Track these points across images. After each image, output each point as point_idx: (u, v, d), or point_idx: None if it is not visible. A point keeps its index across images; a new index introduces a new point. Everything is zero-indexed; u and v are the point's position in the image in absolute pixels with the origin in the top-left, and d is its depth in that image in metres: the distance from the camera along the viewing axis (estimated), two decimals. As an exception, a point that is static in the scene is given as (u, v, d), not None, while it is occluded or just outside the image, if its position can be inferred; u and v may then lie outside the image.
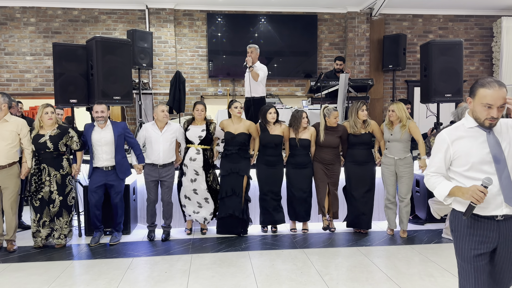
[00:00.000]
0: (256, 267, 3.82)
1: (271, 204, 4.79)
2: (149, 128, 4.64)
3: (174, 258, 4.09)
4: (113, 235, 4.59)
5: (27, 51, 7.73)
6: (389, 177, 4.66)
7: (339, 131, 4.72)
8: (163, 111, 4.60)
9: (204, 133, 4.61)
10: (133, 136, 4.62)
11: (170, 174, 4.64)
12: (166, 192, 4.64)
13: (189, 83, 7.98)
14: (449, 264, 3.83)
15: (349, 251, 4.25)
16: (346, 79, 5.94)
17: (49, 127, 4.34)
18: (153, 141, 4.58)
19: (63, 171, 4.38)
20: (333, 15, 8.35)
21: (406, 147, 4.58)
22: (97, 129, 4.44)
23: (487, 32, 8.64)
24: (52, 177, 4.32)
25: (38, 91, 7.77)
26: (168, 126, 4.64)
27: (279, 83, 8.35)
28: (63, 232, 4.41)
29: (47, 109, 4.32)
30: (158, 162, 4.57)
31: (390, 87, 8.33)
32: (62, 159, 4.40)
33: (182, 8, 8.01)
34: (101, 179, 4.45)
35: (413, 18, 8.52)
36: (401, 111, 4.55)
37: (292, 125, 4.79)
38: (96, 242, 4.50)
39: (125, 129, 4.55)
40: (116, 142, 4.45)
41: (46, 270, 3.80)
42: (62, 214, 4.39)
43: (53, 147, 4.28)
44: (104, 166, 4.44)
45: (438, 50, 5.29)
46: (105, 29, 7.89)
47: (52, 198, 4.33)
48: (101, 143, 4.41)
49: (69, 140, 4.41)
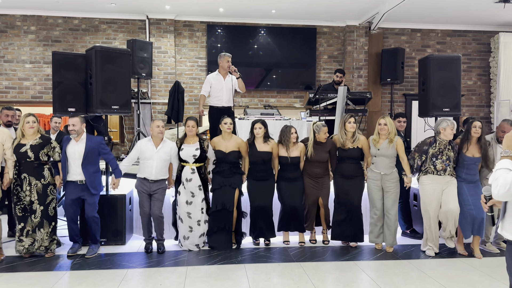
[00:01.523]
0: (252, 280, 3.77)
1: (262, 218, 4.76)
2: (144, 143, 4.62)
3: (169, 270, 4.04)
4: (90, 248, 4.50)
5: (26, 59, 7.74)
6: (376, 192, 4.64)
7: (328, 146, 4.72)
8: (158, 126, 4.57)
9: (198, 152, 4.59)
10: (108, 151, 4.54)
11: (161, 188, 4.59)
12: (155, 205, 4.57)
13: (188, 93, 8.00)
14: (447, 280, 3.80)
15: (346, 265, 4.21)
16: (344, 92, 5.96)
17: (30, 136, 4.30)
18: (148, 156, 4.54)
19: (44, 180, 4.32)
20: (332, 28, 8.41)
21: (392, 162, 4.58)
22: (72, 142, 4.40)
23: (484, 48, 8.71)
24: (33, 186, 4.26)
25: (37, 99, 7.77)
26: (163, 144, 4.61)
27: (278, 94, 8.37)
28: (44, 244, 4.33)
29: (28, 119, 4.27)
30: (151, 178, 4.54)
31: (388, 100, 8.36)
32: (43, 169, 4.34)
33: (183, 19, 8.06)
34: (75, 192, 4.38)
35: (411, 33, 8.59)
36: (391, 126, 4.56)
37: (282, 141, 4.77)
38: (74, 252, 4.43)
39: (99, 144, 4.46)
40: (85, 157, 4.35)
41: (39, 281, 3.74)
42: (43, 225, 4.31)
43: (33, 156, 4.23)
44: (78, 180, 4.37)
45: (436, 65, 5.31)
46: (105, 39, 7.92)
47: (33, 208, 4.27)
48: (75, 156, 4.35)
49: (50, 150, 4.36)
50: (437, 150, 4.42)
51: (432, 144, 4.46)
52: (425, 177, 4.50)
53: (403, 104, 8.61)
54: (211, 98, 5.73)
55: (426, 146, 4.49)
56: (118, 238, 4.82)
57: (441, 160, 4.39)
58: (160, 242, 4.66)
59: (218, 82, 5.68)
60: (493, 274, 3.97)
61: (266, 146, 4.72)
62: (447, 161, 4.39)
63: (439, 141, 4.43)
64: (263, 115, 6.61)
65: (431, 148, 4.45)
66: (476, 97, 8.79)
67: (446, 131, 4.38)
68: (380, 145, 4.57)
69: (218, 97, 5.68)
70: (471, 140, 4.42)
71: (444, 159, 4.39)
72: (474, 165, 4.45)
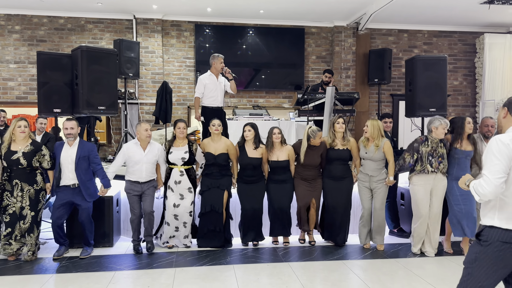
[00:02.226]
0: (241, 281, 3.76)
1: (252, 221, 4.76)
2: (131, 147, 4.57)
3: (157, 272, 4.01)
4: (84, 249, 4.49)
5: (10, 59, 7.62)
6: (365, 193, 4.67)
7: (320, 148, 4.70)
8: (146, 130, 4.53)
9: (187, 155, 4.57)
10: (97, 161, 4.46)
11: (151, 187, 4.60)
12: (147, 201, 4.56)
13: (176, 93, 7.95)
14: (434, 278, 3.84)
15: (334, 264, 4.23)
16: (332, 92, 5.99)
17: (21, 141, 4.22)
18: (136, 161, 4.51)
19: (37, 185, 4.27)
20: (320, 29, 8.44)
21: (379, 164, 4.59)
22: (66, 147, 4.35)
23: (470, 48, 8.83)
24: (25, 192, 4.20)
25: (22, 100, 7.65)
26: (150, 146, 4.58)
27: (267, 94, 8.37)
28: (32, 249, 4.29)
29: (20, 123, 4.18)
30: (141, 180, 4.52)
31: (375, 100, 8.42)
32: (36, 174, 4.30)
33: (170, 19, 8.01)
34: (67, 196, 4.32)
35: (398, 33, 8.67)
36: (374, 129, 4.53)
37: (268, 144, 4.74)
38: (59, 255, 4.38)
39: (91, 151, 4.41)
40: (76, 163, 4.29)
41: (24, 285, 3.68)
42: (33, 230, 4.28)
43: (26, 163, 4.17)
44: (71, 184, 4.32)
45: (423, 65, 5.37)
46: (92, 38, 7.83)
47: (23, 214, 4.21)
48: (68, 161, 4.30)
49: (41, 157, 4.29)
50: (431, 149, 4.43)
51: (423, 142, 4.47)
52: (416, 178, 4.46)
53: (391, 104, 8.68)
54: (205, 98, 5.69)
55: (416, 144, 4.49)
56: (106, 240, 4.77)
57: (435, 159, 4.42)
58: (149, 240, 4.63)
59: (212, 82, 5.67)
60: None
61: (256, 152, 4.69)
62: (439, 158, 4.42)
63: (431, 139, 4.45)
64: (252, 115, 6.60)
65: (422, 146, 4.44)
66: (462, 97, 8.91)
67: (438, 130, 4.40)
68: (368, 148, 4.59)
69: (213, 97, 5.67)
70: (463, 135, 4.44)
71: (437, 157, 4.43)
72: (466, 159, 4.44)
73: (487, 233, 2.15)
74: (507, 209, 2.10)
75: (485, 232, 2.17)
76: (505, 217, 2.10)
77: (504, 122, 2.27)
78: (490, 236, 2.13)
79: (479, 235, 2.19)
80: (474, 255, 2.20)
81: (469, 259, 2.23)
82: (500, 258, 2.10)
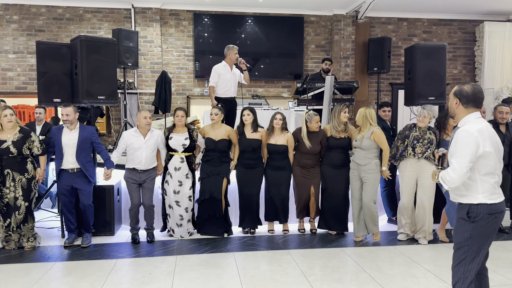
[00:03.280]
0: (241, 268, 3.82)
1: (250, 206, 4.81)
2: (131, 135, 4.60)
3: (159, 259, 4.06)
4: (84, 237, 4.53)
5: (9, 49, 7.59)
6: (354, 182, 4.65)
7: (319, 135, 4.73)
8: (145, 117, 4.55)
9: (188, 141, 4.60)
10: (100, 142, 4.56)
11: (150, 177, 4.61)
12: (146, 194, 4.60)
13: (175, 83, 7.94)
14: (432, 265, 3.89)
15: (333, 251, 4.28)
16: (331, 81, 5.99)
17: (9, 130, 4.18)
18: (136, 147, 4.53)
19: (28, 174, 4.26)
20: (319, 17, 8.41)
21: (369, 153, 4.50)
22: (66, 131, 4.39)
23: (470, 36, 8.81)
24: (17, 182, 4.19)
25: (21, 90, 7.64)
26: (151, 133, 4.60)
27: (266, 84, 8.37)
28: (30, 239, 4.35)
29: (5, 112, 4.14)
30: (140, 167, 4.54)
31: (375, 89, 8.42)
32: (26, 162, 4.27)
33: (169, 8, 7.97)
34: (69, 181, 4.38)
35: (398, 22, 8.64)
36: (360, 116, 4.53)
37: (269, 128, 4.79)
38: (70, 243, 4.43)
39: (92, 134, 4.47)
40: (79, 145, 4.35)
41: (27, 272, 3.73)
42: (28, 220, 4.31)
43: (17, 152, 4.15)
44: (70, 168, 4.36)
45: (422, 54, 5.37)
46: (90, 28, 7.80)
47: (17, 204, 4.22)
48: (69, 145, 4.34)
49: (30, 144, 4.27)
50: (419, 134, 4.48)
51: (413, 129, 4.54)
52: (403, 163, 4.55)
53: (390, 93, 8.69)
54: (218, 89, 5.69)
55: (407, 131, 4.57)
56: (107, 229, 4.82)
57: (422, 144, 4.45)
58: (150, 231, 4.68)
59: (227, 73, 5.69)
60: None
61: (255, 134, 4.74)
62: (428, 144, 4.44)
63: (417, 128, 4.52)
64: (251, 105, 6.60)
65: (412, 131, 4.52)
66: (461, 86, 8.89)
67: (419, 119, 4.48)
68: (357, 136, 4.60)
69: (226, 88, 5.69)
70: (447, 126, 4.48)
71: (425, 143, 4.45)
72: None
73: (475, 210, 2.43)
74: (484, 188, 2.43)
75: (472, 209, 2.44)
76: (486, 195, 2.42)
77: (458, 111, 2.53)
78: (478, 212, 2.42)
79: (468, 214, 2.44)
80: (468, 233, 2.45)
81: (463, 238, 2.47)
82: (489, 228, 2.43)
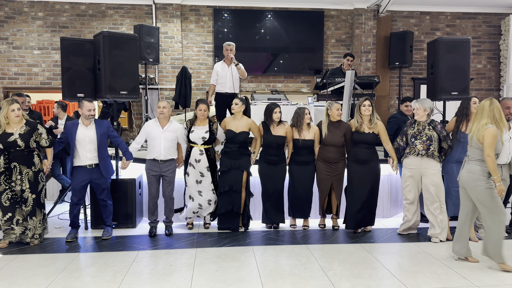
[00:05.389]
0: (260, 262, 3.84)
1: (273, 203, 4.81)
2: (151, 124, 4.67)
3: (179, 252, 4.12)
4: (105, 230, 4.59)
5: (35, 45, 7.78)
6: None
7: (343, 128, 4.69)
8: (159, 107, 4.61)
9: (207, 134, 4.63)
10: (117, 134, 4.63)
11: (171, 169, 4.66)
12: (167, 187, 4.66)
13: (195, 78, 8.00)
14: (453, 262, 3.83)
15: (353, 247, 4.26)
16: (352, 76, 5.94)
17: (16, 124, 4.16)
18: (155, 137, 4.60)
19: (35, 168, 4.24)
20: (340, 11, 8.32)
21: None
22: (82, 127, 4.41)
23: (495, 30, 8.58)
24: (24, 175, 4.17)
25: (46, 85, 7.83)
26: (170, 124, 4.65)
27: (285, 79, 8.35)
28: (37, 232, 4.30)
29: (12, 106, 4.10)
30: (159, 158, 4.59)
31: (396, 84, 8.30)
32: (33, 156, 4.26)
33: (189, 4, 8.02)
34: (86, 177, 4.41)
35: (420, 15, 8.48)
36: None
37: (295, 124, 4.76)
38: (72, 238, 4.44)
39: (108, 128, 4.51)
40: (99, 141, 4.40)
41: (52, 262, 3.84)
42: (36, 213, 4.28)
43: (24, 145, 4.13)
44: (87, 164, 4.39)
45: (445, 48, 5.26)
46: (112, 24, 7.92)
47: (24, 197, 4.20)
48: (86, 141, 4.37)
49: (37, 136, 4.25)
50: (416, 130, 4.41)
51: (412, 125, 4.48)
52: (405, 161, 4.52)
53: (412, 88, 8.55)
54: (217, 85, 5.98)
55: (406, 127, 4.53)
56: (129, 221, 4.91)
57: (421, 141, 4.37)
58: (168, 224, 4.75)
59: (223, 70, 5.92)
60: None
61: (280, 130, 4.73)
62: (427, 141, 4.35)
63: (417, 122, 4.44)
64: (270, 100, 6.61)
65: (410, 129, 4.47)
66: (485, 81, 8.70)
67: (415, 112, 4.42)
68: None
69: (222, 84, 5.94)
70: (470, 116, 4.36)
71: (424, 139, 4.36)
72: None
73: None
74: None
75: None
76: None
77: None
78: None
79: None
80: None
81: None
82: None
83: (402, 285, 3.37)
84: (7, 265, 3.78)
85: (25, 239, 4.29)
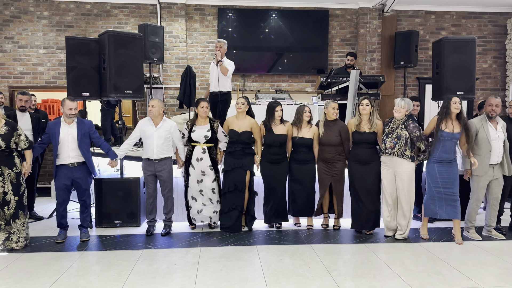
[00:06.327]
0: (264, 261, 3.84)
1: (275, 202, 4.80)
2: (144, 123, 4.66)
3: (183, 251, 4.13)
4: (83, 232, 4.50)
5: (40, 44, 7.81)
6: None
7: (338, 127, 4.68)
8: (149, 106, 4.61)
9: (209, 133, 4.63)
10: (98, 135, 4.55)
11: (166, 169, 4.64)
12: (163, 186, 4.66)
13: (200, 78, 8.01)
14: (458, 263, 3.82)
15: (357, 247, 4.25)
16: (357, 76, 5.92)
17: None
18: (148, 136, 4.59)
19: (16, 169, 4.13)
20: (344, 10, 8.30)
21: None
22: (65, 125, 4.35)
23: (501, 30, 8.53)
24: (5, 176, 4.05)
25: (51, 84, 7.86)
26: (163, 123, 4.64)
27: (289, 78, 8.33)
28: (21, 235, 4.19)
29: None
30: (153, 157, 4.58)
31: (401, 84, 8.26)
32: (14, 157, 4.15)
33: (194, 3, 8.02)
34: (68, 176, 4.34)
35: (425, 15, 8.44)
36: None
37: (295, 121, 4.78)
38: (62, 239, 4.39)
39: (90, 127, 4.45)
40: (79, 140, 4.34)
41: (57, 261, 3.86)
42: (19, 216, 4.15)
43: (5, 145, 4.02)
44: (70, 163, 4.34)
45: (451, 47, 5.24)
46: (117, 23, 7.93)
47: (6, 199, 4.07)
48: (69, 140, 4.32)
49: (17, 138, 4.14)
50: (390, 129, 4.43)
51: (389, 123, 4.49)
52: (382, 157, 4.56)
53: (417, 88, 8.51)
54: None
55: (384, 126, 4.57)
56: (133, 220, 4.92)
57: (391, 139, 4.39)
58: (167, 224, 4.74)
59: (212, 68, 5.88)
60: (503, 256, 3.97)
61: (282, 129, 4.74)
62: (395, 139, 4.36)
63: (394, 120, 4.45)
64: (274, 99, 6.59)
65: (386, 127, 4.50)
66: (491, 81, 8.65)
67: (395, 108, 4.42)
68: None
69: (210, 82, 5.92)
70: (451, 115, 4.35)
71: (393, 137, 4.37)
72: (451, 142, 4.35)
73: None
74: None
75: None
76: None
77: None
78: None
79: None
80: None
81: None
82: None
83: (407, 285, 3.36)
84: (12, 264, 3.80)
85: (9, 245, 4.13)
